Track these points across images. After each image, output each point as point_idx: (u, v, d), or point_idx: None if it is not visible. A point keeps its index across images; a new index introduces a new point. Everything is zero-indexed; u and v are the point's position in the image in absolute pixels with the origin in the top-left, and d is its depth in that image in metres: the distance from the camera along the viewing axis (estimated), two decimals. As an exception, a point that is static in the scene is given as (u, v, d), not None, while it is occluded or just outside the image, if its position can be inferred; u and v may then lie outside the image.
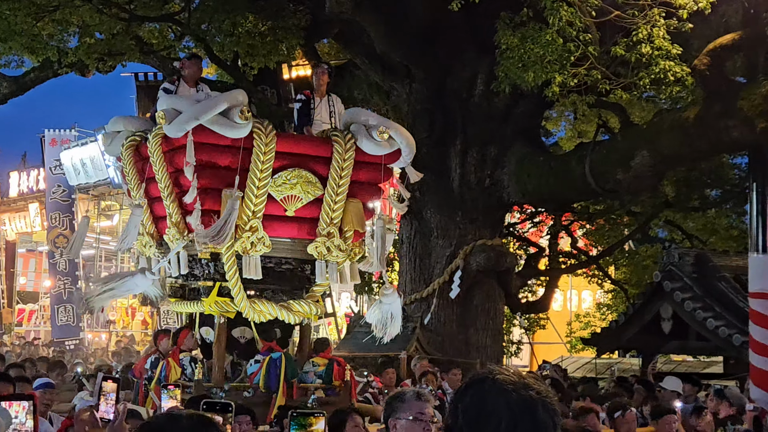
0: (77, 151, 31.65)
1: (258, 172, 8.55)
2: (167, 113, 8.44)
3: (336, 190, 8.93)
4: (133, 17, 15.89)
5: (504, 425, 2.12)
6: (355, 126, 9.13)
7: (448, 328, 16.41)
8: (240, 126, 8.36)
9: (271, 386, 8.52)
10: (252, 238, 8.55)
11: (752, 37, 12.60)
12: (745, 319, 14.12)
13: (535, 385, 2.20)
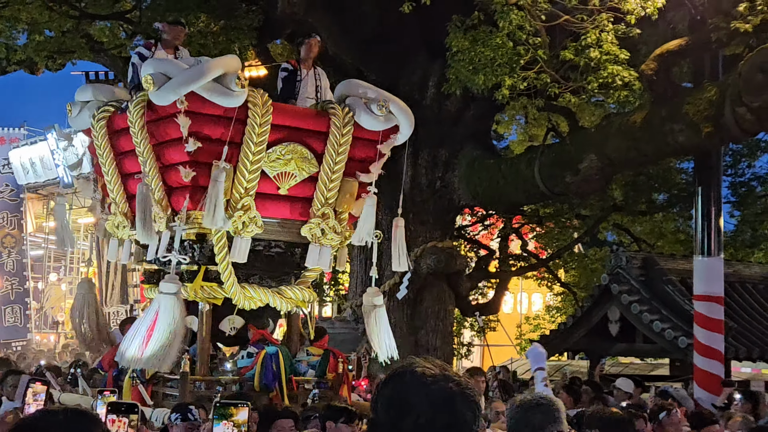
0: (26, 150, 31.35)
1: (252, 145, 7.92)
2: (155, 78, 7.68)
3: (332, 168, 8.37)
4: (83, 15, 15.78)
5: (423, 417, 2.13)
6: (352, 99, 8.61)
7: (398, 329, 16.39)
8: (236, 94, 7.76)
9: (268, 385, 8.04)
10: (244, 217, 7.89)
11: (698, 42, 12.76)
12: (690, 322, 14.34)
13: (456, 378, 2.20)
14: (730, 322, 14.65)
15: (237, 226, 7.83)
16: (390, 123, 8.54)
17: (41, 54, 16.30)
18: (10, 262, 30.74)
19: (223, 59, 8.10)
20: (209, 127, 7.87)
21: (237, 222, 7.82)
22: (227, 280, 7.89)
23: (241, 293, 7.98)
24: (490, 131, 18.48)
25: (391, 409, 2.18)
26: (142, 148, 7.98)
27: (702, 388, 13.49)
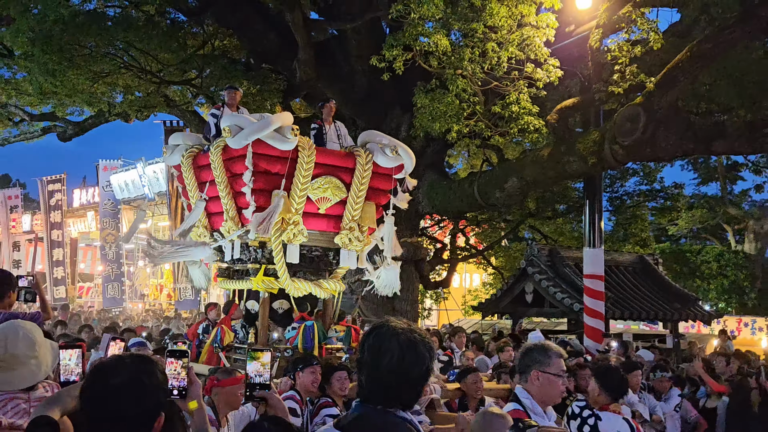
0: (122, 175, 31.59)
1: (301, 178, 7.74)
2: (232, 128, 7.61)
3: (357, 194, 8.19)
4: (162, 81, 15.74)
5: (395, 356, 2.15)
6: (371, 144, 8.35)
7: (380, 298, 16.43)
8: (290, 141, 7.59)
9: (308, 347, 7.83)
10: (294, 230, 7.72)
11: (586, 101, 12.85)
12: (581, 293, 14.40)
13: (418, 331, 2.23)
14: (608, 293, 14.73)
15: (290, 236, 7.69)
16: (398, 162, 8.33)
17: (132, 108, 16.25)
18: (111, 253, 30.68)
19: (280, 115, 7.84)
20: (270, 164, 7.74)
21: (290, 233, 7.69)
22: (282, 275, 7.77)
23: (291, 284, 7.85)
24: (443, 162, 18.53)
25: (372, 351, 2.20)
26: (219, 179, 7.89)
27: (589, 338, 13.55)
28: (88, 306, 33.06)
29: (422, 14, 11.27)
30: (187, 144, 8.54)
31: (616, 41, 11.52)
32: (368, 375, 2.20)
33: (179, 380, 2.46)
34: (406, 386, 2.17)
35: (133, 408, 2.00)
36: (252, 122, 7.72)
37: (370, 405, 2.17)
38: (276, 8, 14.91)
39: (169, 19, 16.12)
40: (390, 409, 2.15)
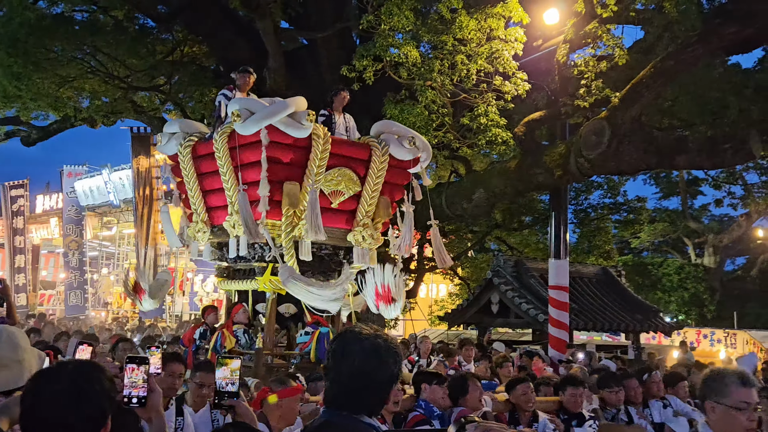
0: (87, 181, 31.26)
1: (315, 168, 7.05)
2: (242, 112, 6.80)
3: (372, 188, 7.53)
4: (129, 87, 15.59)
5: (357, 361, 2.13)
6: (386, 135, 7.70)
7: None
8: (305, 127, 6.88)
9: (321, 357, 7.02)
10: (307, 225, 6.95)
11: (553, 114, 12.99)
12: (546, 304, 14.51)
13: (383, 336, 2.21)
14: (572, 304, 14.87)
15: (302, 232, 6.97)
16: (415, 154, 7.69)
17: (99, 113, 16.09)
18: (74, 260, 30.23)
19: (295, 99, 7.11)
20: (282, 153, 7.03)
21: (302, 229, 6.97)
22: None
23: None
24: (412, 172, 18.57)
25: (335, 356, 2.19)
26: (225, 169, 7.11)
27: (554, 349, 13.65)
28: (50, 314, 32.38)
29: (393, 26, 11.30)
30: (185, 132, 7.79)
31: (582, 56, 11.68)
32: (332, 380, 2.18)
33: (138, 389, 2.39)
34: (370, 391, 2.14)
35: (71, 415, 1.89)
36: (264, 105, 7.00)
37: (336, 411, 2.14)
38: (247, 16, 14.83)
39: (137, 24, 15.97)
40: (355, 415, 2.12)
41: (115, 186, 30.22)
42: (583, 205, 27.25)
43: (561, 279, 14.15)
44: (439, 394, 5.20)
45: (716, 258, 33.36)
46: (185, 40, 16.30)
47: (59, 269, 35.61)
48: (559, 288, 14.11)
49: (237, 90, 7.91)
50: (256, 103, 7.05)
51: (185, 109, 16.26)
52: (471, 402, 5.08)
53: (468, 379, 5.26)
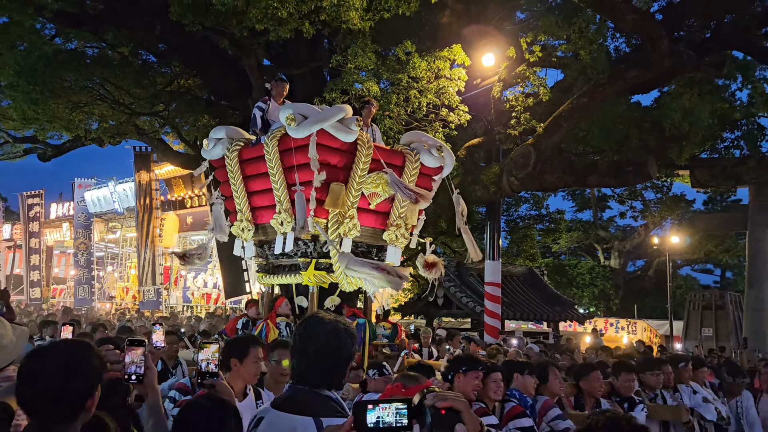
0: (95, 192, 30.56)
1: (359, 171, 6.45)
2: (296, 117, 6.16)
3: None
4: (133, 112, 15.26)
5: (321, 342, 2.10)
6: (415, 144, 7.07)
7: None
8: (353, 132, 6.27)
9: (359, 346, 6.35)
10: (349, 224, 6.43)
11: (489, 141, 13.12)
12: (482, 298, 14.60)
13: (342, 321, 2.19)
14: (504, 297, 14.99)
15: (345, 230, 6.42)
16: (441, 162, 7.11)
17: (106, 134, 15.69)
18: (83, 259, 29.50)
19: (343, 107, 6.48)
20: (330, 156, 6.43)
21: (345, 227, 6.42)
22: (338, 270, 6.35)
23: (345, 279, 6.45)
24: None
25: (302, 338, 2.14)
26: (274, 171, 6.45)
27: (488, 335, 13.73)
28: (60, 305, 31.52)
29: (357, 65, 11.29)
30: (231, 137, 7.10)
31: (513, 93, 11.83)
32: (299, 359, 2.13)
33: (137, 366, 2.33)
34: (331, 368, 2.11)
35: (62, 387, 1.83)
36: (317, 111, 6.39)
37: (300, 386, 2.10)
38: (234, 54, 14.68)
39: (141, 59, 15.67)
40: (317, 389, 2.08)
41: (120, 196, 29.60)
42: (513, 216, 27.61)
43: (494, 277, 14.27)
44: (531, 383, 4.42)
45: (620, 261, 34.05)
46: (182, 74, 16.05)
47: (70, 267, 34.74)
48: (493, 284, 14.22)
49: (272, 100, 7.20)
50: (309, 108, 6.44)
51: (181, 132, 15.99)
52: (552, 389, 4.48)
53: (548, 367, 4.64)
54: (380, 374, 4.63)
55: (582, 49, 10.83)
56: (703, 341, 20.99)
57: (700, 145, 14.96)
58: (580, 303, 30.47)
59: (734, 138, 17.28)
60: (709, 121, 13.86)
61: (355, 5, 9.93)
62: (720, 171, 17.47)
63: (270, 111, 7.00)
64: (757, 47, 14.61)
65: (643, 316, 29.25)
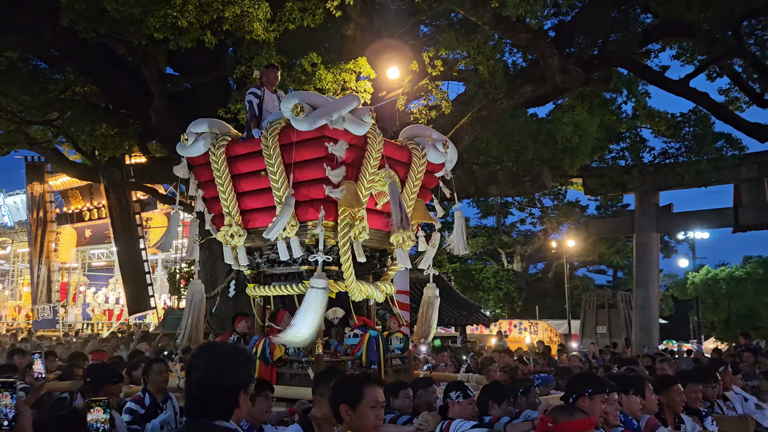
0: (-19, 205, 28.28)
1: (370, 168, 5.72)
2: (304, 107, 5.36)
3: (412, 189, 6.29)
4: (23, 121, 14.31)
5: (201, 372, 2.05)
6: (419, 139, 6.44)
7: (227, 314, 15.78)
8: (365, 125, 5.55)
9: (373, 359, 5.85)
10: (360, 226, 5.68)
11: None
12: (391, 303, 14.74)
13: (232, 348, 2.17)
14: (412, 304, 15.19)
15: (356, 233, 5.67)
16: (445, 158, 6.51)
17: (-6, 144, 14.65)
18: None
19: (356, 95, 5.80)
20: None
21: (356, 229, 5.67)
22: (348, 277, 5.66)
23: (356, 287, 5.77)
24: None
25: (190, 368, 2.09)
26: (274, 168, 5.61)
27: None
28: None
29: (262, 75, 11.14)
30: (215, 132, 6.22)
31: (417, 106, 12.07)
32: (186, 391, 2.07)
33: (8, 410, 2.10)
34: (214, 397, 2.03)
35: None
36: (327, 100, 5.65)
37: (196, 419, 2.03)
38: (134, 62, 14.10)
39: (31, 65, 14.72)
40: (212, 421, 2.01)
41: (10, 209, 27.67)
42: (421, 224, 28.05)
43: (402, 285, 14.41)
44: (636, 404, 3.91)
45: (522, 264, 35.48)
46: (77, 81, 15.23)
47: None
48: (402, 292, 14.34)
49: (265, 89, 6.44)
50: (318, 97, 5.69)
51: (77, 141, 15.14)
52: (649, 406, 4.01)
53: (644, 382, 4.19)
54: (465, 396, 4.03)
55: (481, 64, 11.22)
56: (598, 339, 22.23)
57: (589, 156, 15.87)
58: (486, 306, 31.46)
59: (620, 149, 18.50)
60: (598, 133, 14.75)
61: (258, 16, 9.81)
62: (608, 180, 18.61)
63: (265, 100, 6.24)
64: (638, 64, 15.73)
65: (545, 317, 30.62)
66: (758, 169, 20.18)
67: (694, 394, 4.54)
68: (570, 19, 15.08)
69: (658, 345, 20.38)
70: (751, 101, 16.88)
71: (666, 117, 17.94)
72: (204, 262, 16.80)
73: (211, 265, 16.78)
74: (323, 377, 3.48)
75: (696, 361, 10.32)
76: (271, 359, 5.72)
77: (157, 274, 25.57)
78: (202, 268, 16.85)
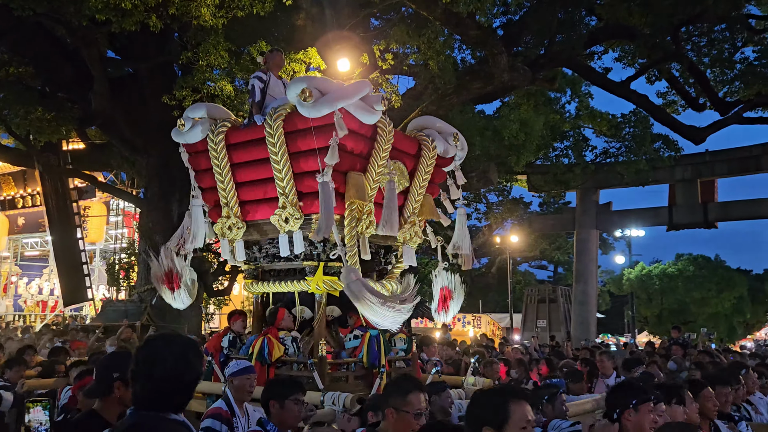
0: None
1: (379, 159, 5.33)
2: (313, 92, 4.96)
3: (420, 183, 5.90)
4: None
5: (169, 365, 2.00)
6: (428, 131, 6.04)
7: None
8: (376, 113, 5.16)
9: (374, 361, 5.47)
10: (367, 220, 5.32)
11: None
12: (338, 297, 14.70)
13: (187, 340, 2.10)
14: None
15: (363, 228, 5.31)
16: (455, 152, 6.14)
17: None
18: None
19: (367, 81, 5.39)
20: (349, 140, 5.19)
21: (364, 224, 5.32)
22: None
23: None
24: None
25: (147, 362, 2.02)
26: (279, 157, 5.23)
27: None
28: None
29: (209, 62, 10.91)
30: (214, 117, 5.80)
31: (367, 99, 12.02)
32: (143, 384, 2.00)
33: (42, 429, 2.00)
34: (178, 391, 2.01)
35: None
36: (338, 85, 5.25)
37: (144, 411, 1.98)
38: (73, 44, 13.53)
39: (-41, 42, 13.94)
40: (162, 413, 1.97)
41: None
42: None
43: (349, 277, 14.43)
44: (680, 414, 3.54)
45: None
46: (11, 61, 14.52)
47: None
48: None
49: (270, 73, 6.03)
50: (327, 83, 5.29)
51: (10, 125, 14.42)
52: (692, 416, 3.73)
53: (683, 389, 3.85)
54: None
55: (431, 59, 11.28)
56: (539, 332, 22.80)
57: (534, 153, 16.22)
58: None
59: (564, 147, 18.98)
60: (543, 131, 15.08)
61: (206, 1, 9.57)
62: (551, 177, 19.07)
63: (270, 85, 5.84)
64: (582, 65, 16.16)
65: (488, 311, 31.21)
66: (692, 171, 21.11)
67: (724, 397, 4.27)
68: (518, 18, 15.34)
69: (595, 338, 21.08)
70: (687, 104, 17.60)
71: (607, 117, 18.51)
72: (145, 252, 16.36)
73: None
74: (398, 386, 2.95)
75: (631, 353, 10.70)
76: (269, 360, 5.33)
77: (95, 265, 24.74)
78: (143, 259, 16.48)
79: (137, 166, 16.61)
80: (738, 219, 21.90)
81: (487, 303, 33.79)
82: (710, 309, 33.00)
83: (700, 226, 21.39)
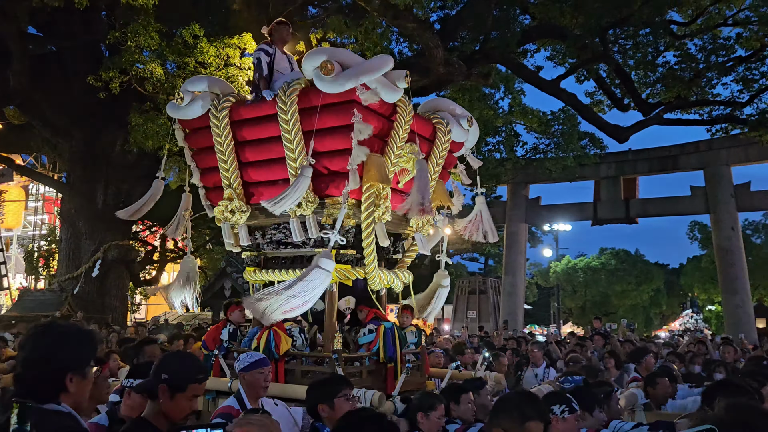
0: None
1: (398, 140, 4.91)
2: (334, 65, 4.52)
3: (435, 168, 5.43)
4: None
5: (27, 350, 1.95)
6: (443, 113, 5.55)
7: (91, 296, 14.92)
8: (398, 90, 4.75)
9: (391, 354, 5.04)
10: (384, 206, 4.88)
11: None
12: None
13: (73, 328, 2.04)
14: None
15: (380, 213, 4.88)
16: (467, 136, 5.70)
17: None
18: None
19: (388, 57, 4.89)
20: (369, 119, 4.73)
21: (381, 209, 4.89)
22: (370, 264, 4.85)
23: (377, 274, 4.94)
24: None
25: (19, 350, 2.02)
26: (292, 135, 4.77)
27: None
28: None
29: (139, 43, 10.53)
30: (216, 92, 5.31)
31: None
32: (16, 374, 1.97)
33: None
34: (42, 379, 1.92)
35: None
36: (360, 59, 4.84)
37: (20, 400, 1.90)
38: (-10, 17, 12.75)
39: None
40: (41, 404, 1.90)
41: None
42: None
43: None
44: None
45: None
46: None
47: None
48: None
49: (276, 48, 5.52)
50: (349, 55, 4.85)
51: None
52: None
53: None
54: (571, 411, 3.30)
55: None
56: (468, 323, 23.33)
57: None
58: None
59: (496, 142, 19.42)
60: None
61: (136, -21, 9.23)
62: (483, 171, 19.45)
63: (276, 60, 5.41)
64: (515, 62, 16.56)
65: (420, 302, 31.58)
66: (616, 168, 22.05)
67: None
68: (455, 13, 15.55)
69: (522, 329, 21.75)
70: (613, 104, 18.34)
71: (538, 114, 19.07)
72: (67, 240, 15.69)
73: (74, 244, 15.72)
74: (509, 405, 2.70)
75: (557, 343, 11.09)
76: (276, 353, 4.88)
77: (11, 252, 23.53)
78: (65, 246, 15.80)
79: (59, 148, 15.90)
80: (656, 215, 23.03)
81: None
82: (630, 301, 34.70)
83: (622, 222, 22.36)
